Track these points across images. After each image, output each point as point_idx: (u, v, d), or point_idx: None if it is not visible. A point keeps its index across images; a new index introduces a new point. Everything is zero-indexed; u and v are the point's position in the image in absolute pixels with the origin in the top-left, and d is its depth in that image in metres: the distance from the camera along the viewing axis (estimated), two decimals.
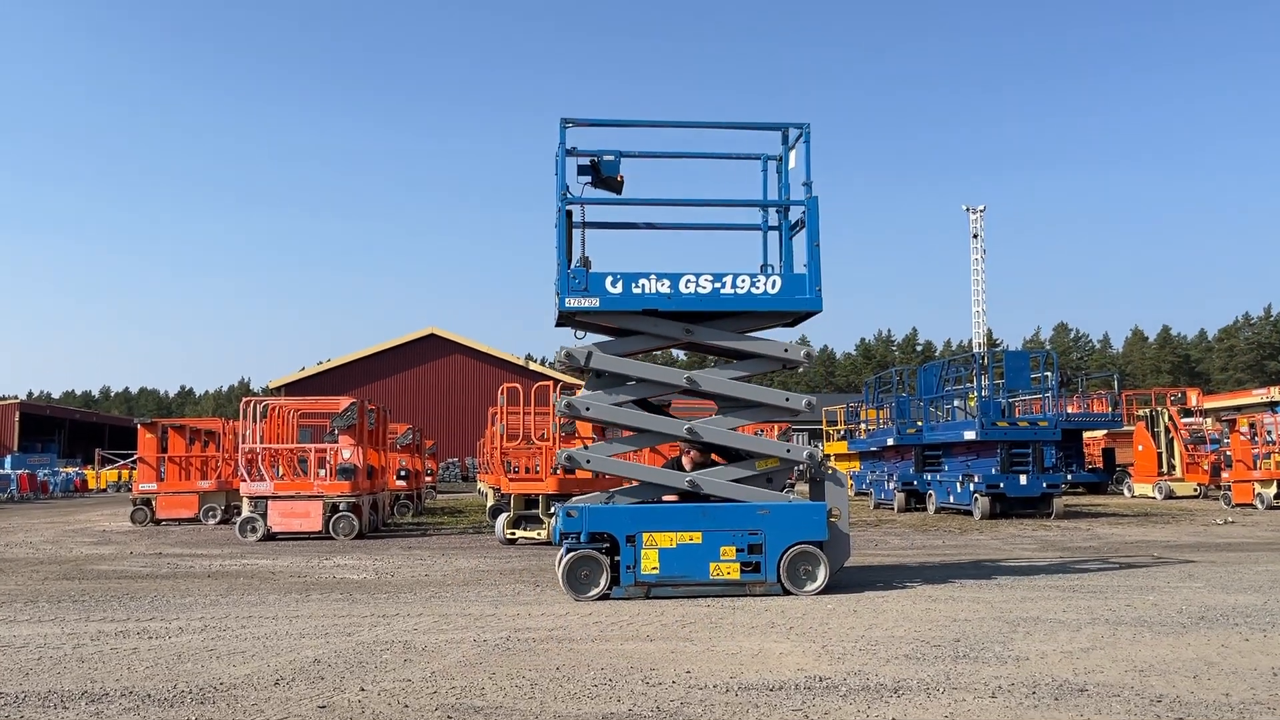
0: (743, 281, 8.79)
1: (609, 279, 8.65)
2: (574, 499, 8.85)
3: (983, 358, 20.45)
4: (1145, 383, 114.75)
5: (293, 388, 52.32)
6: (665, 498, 9.87)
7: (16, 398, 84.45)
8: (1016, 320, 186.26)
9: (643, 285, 8.65)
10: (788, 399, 8.99)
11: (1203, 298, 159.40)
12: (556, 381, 15.10)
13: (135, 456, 21.98)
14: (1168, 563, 10.96)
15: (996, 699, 4.86)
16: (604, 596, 8.28)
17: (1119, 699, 4.83)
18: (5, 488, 37.32)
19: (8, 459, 52.38)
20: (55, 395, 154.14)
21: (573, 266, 8.64)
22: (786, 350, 8.90)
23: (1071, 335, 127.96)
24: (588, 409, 8.79)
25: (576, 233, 8.83)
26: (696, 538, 8.42)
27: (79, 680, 5.35)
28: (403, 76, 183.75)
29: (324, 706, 4.73)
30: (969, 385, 20.95)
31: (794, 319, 9.27)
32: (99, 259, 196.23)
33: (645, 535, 8.36)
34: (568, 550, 8.44)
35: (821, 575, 8.49)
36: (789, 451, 8.95)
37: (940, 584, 9.17)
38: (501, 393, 15.16)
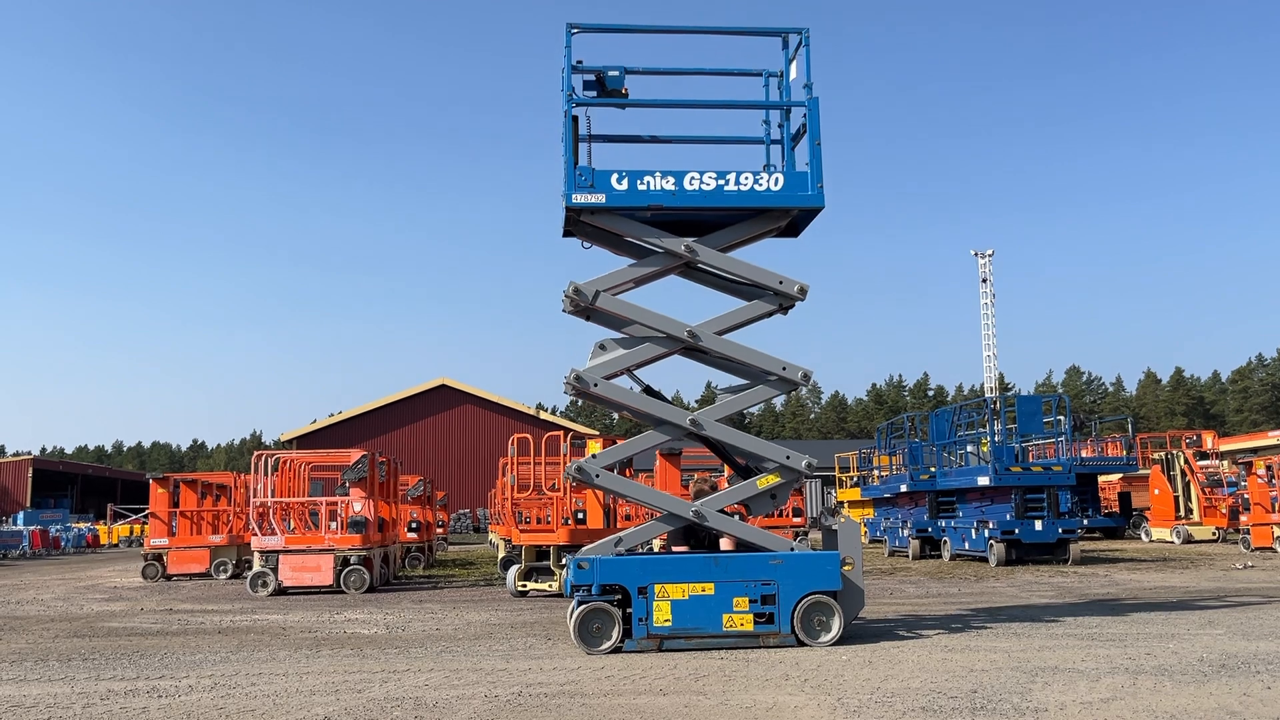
0: (746, 179, 8.91)
1: (615, 176, 8.80)
2: (584, 549, 8.81)
3: (995, 402, 20.38)
4: (1160, 425, 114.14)
5: (304, 440, 52.39)
6: (675, 548, 9.86)
7: (30, 453, 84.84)
8: (1028, 364, 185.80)
9: (648, 182, 8.80)
10: (784, 368, 9.00)
11: (1216, 339, 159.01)
12: (567, 431, 15.10)
13: (147, 511, 21.98)
14: (1187, 609, 10.81)
15: None
16: (616, 650, 8.20)
17: None
18: (17, 544, 37.31)
19: (20, 515, 52.52)
20: (68, 450, 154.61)
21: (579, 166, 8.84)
22: (781, 283, 8.99)
23: (1084, 378, 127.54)
24: (595, 385, 8.80)
25: (583, 146, 9.01)
26: (709, 589, 8.36)
27: None
28: (413, 128, 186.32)
29: None
30: (981, 430, 20.86)
31: (795, 224, 9.39)
32: (111, 313, 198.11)
33: (657, 587, 8.31)
34: (579, 603, 8.38)
35: (836, 626, 8.41)
36: (789, 458, 8.94)
37: (957, 633, 9.06)
38: (512, 443, 15.15)
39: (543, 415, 56.17)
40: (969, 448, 21.54)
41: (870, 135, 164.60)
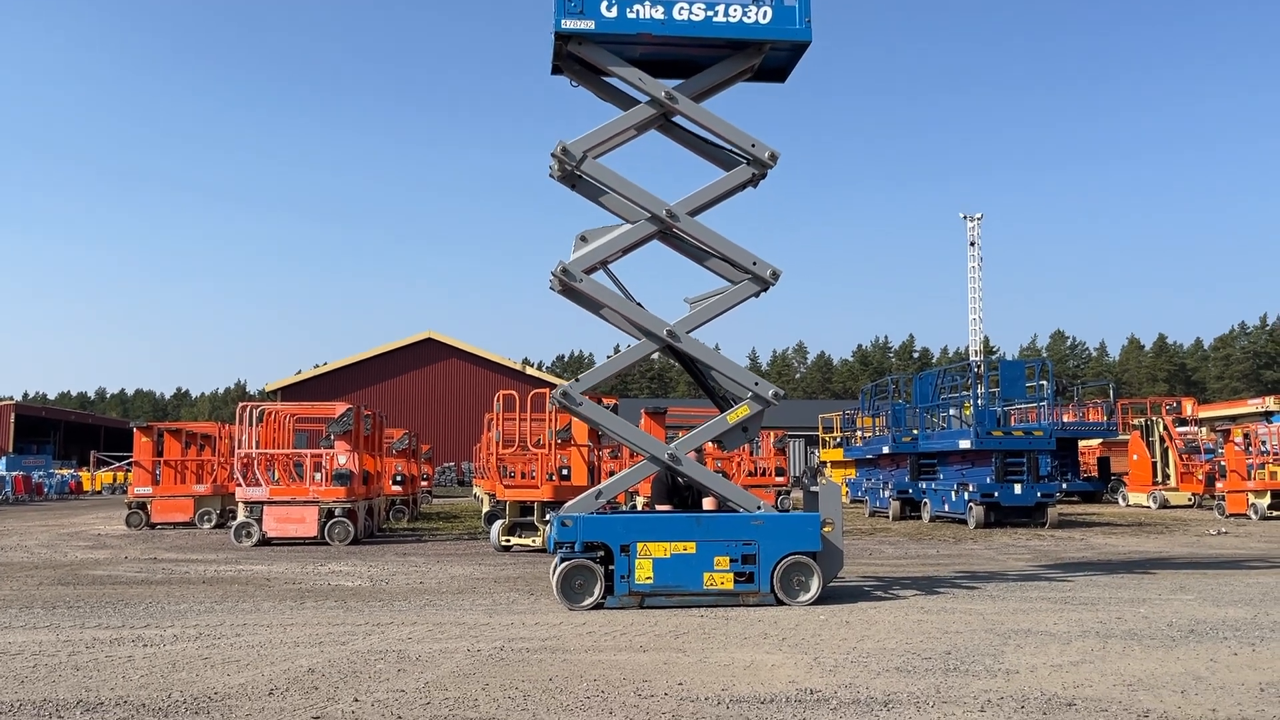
0: (735, 10, 9.04)
1: (604, 3, 8.89)
2: (567, 505, 8.88)
3: (978, 367, 20.51)
4: (1141, 391, 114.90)
5: (289, 391, 52.32)
6: (659, 507, 9.96)
7: (12, 399, 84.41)
8: (1014, 328, 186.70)
9: (637, 10, 8.93)
10: (755, 263, 9.07)
11: (1199, 306, 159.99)
12: (553, 387, 15.13)
13: (130, 460, 21.98)
14: (1160, 574, 11.00)
15: (985, 713, 4.90)
16: (598, 606, 8.30)
17: (1106, 713, 4.88)
18: (0, 490, 37.27)
19: (2, 460, 52.26)
20: (51, 396, 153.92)
21: None
22: (754, 145, 9.07)
23: (1068, 343, 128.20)
24: (580, 281, 8.86)
25: None
26: (690, 548, 8.45)
27: (74, 689, 5.37)
28: (399, 80, 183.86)
29: (318, 718, 4.76)
30: (964, 394, 21.00)
31: (783, 68, 9.57)
32: (96, 261, 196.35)
33: (640, 545, 8.39)
34: (562, 559, 8.46)
35: (815, 586, 8.53)
36: (757, 385, 9.04)
37: (933, 595, 9.21)
38: (498, 400, 15.18)
39: (529, 371, 56.16)
40: (952, 411, 21.70)
41: (861, 94, 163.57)
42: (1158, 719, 4.79)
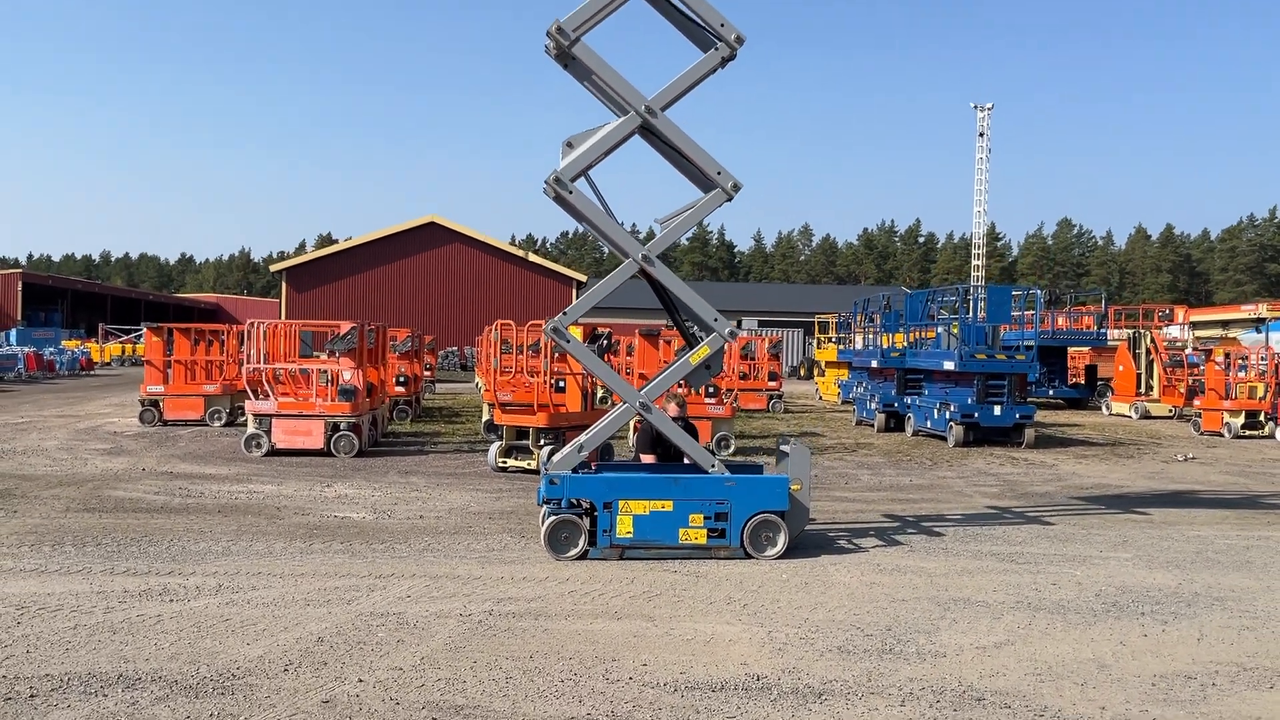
0: None
1: None
2: (553, 461, 9.55)
3: (966, 292, 20.96)
4: (1145, 281, 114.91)
5: (294, 272, 52.79)
6: (643, 457, 10.65)
7: (17, 262, 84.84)
8: (1021, 215, 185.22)
9: None
10: (719, 172, 9.49)
11: (1209, 198, 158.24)
12: (556, 275, 15.63)
13: (140, 335, 22.67)
14: (1108, 520, 11.76)
15: (905, 707, 5.65)
16: (582, 556, 9.08)
17: (1009, 710, 5.63)
18: (12, 367, 38.16)
19: (13, 333, 53.18)
20: (55, 258, 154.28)
21: None
22: (723, 25, 9.38)
23: (1075, 231, 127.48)
24: (571, 192, 9.31)
25: None
26: (668, 506, 9.18)
27: (113, 659, 6.13)
28: None
29: (327, 701, 5.52)
30: (954, 316, 21.50)
31: None
32: (102, 121, 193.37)
33: (621, 502, 9.11)
34: (550, 514, 9.20)
35: (781, 541, 9.28)
36: (716, 320, 9.58)
37: (892, 547, 9.98)
38: (495, 329, 15.75)
39: (532, 257, 56.38)
40: (939, 329, 22.25)
41: None
42: (1052, 718, 5.54)
